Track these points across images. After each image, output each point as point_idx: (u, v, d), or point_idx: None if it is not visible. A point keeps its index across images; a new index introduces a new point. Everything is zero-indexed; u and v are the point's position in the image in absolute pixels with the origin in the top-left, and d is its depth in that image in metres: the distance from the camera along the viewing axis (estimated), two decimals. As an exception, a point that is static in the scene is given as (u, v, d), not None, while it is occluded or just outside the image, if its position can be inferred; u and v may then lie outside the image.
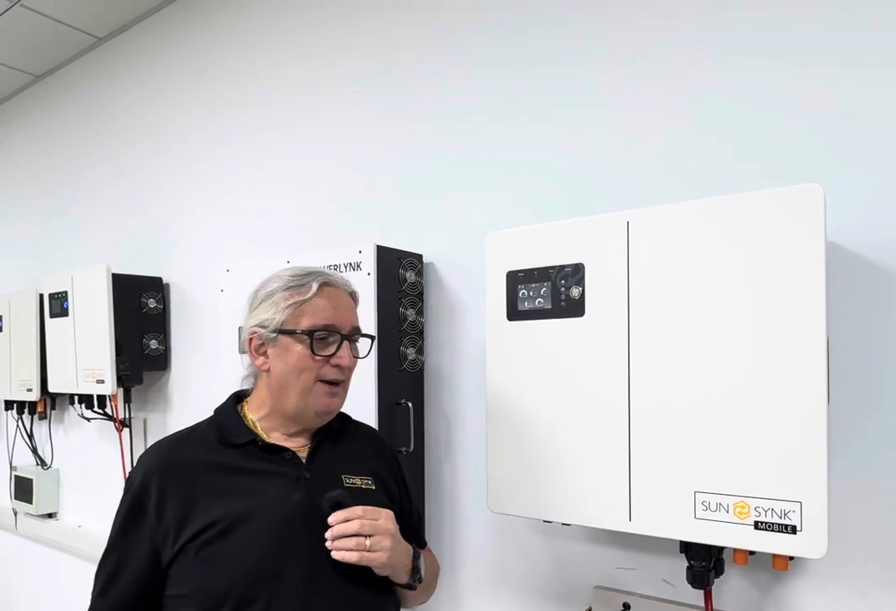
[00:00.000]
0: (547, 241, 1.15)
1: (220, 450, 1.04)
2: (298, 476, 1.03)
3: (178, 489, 0.99)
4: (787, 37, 1.16)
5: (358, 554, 0.94)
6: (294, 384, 1.03)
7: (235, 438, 1.05)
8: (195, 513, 0.97)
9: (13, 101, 3.19)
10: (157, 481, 1.00)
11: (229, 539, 0.96)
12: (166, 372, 2.33)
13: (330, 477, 1.05)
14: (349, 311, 1.08)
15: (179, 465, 1.02)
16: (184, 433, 1.10)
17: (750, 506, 0.95)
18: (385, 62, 1.73)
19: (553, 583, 1.43)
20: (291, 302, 1.02)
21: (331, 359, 1.03)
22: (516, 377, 1.18)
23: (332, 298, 1.05)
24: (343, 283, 1.09)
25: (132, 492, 1.02)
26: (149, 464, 1.04)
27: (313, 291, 1.03)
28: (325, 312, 1.03)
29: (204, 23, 2.24)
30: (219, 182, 2.18)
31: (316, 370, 1.03)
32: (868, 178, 1.09)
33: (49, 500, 2.75)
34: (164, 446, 1.07)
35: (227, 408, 1.11)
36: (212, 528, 0.96)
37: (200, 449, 1.05)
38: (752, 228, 0.95)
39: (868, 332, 1.08)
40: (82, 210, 2.75)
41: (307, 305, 1.02)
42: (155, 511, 0.98)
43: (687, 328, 1.00)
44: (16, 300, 2.58)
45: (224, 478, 1.01)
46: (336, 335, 1.03)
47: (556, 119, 1.43)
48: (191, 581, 0.96)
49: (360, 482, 1.08)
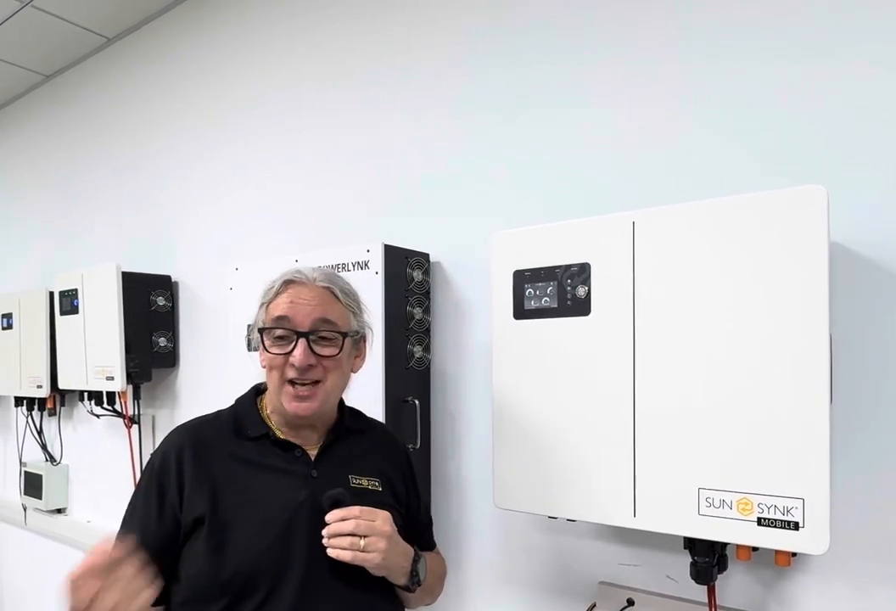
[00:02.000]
0: (553, 240, 1.16)
1: (236, 440, 1.06)
2: (306, 474, 1.04)
3: (195, 468, 1.02)
4: (792, 36, 1.16)
5: (352, 553, 0.94)
6: (270, 383, 1.05)
7: (251, 431, 1.07)
8: (203, 496, 1.00)
9: (23, 100, 3.21)
10: (177, 458, 1.03)
11: (235, 530, 0.98)
12: (175, 369, 2.35)
13: (337, 477, 1.06)
14: (310, 304, 1.02)
15: (201, 445, 1.05)
16: (209, 417, 1.12)
17: (753, 502, 0.96)
18: (392, 62, 1.74)
19: (557, 579, 1.44)
20: (263, 301, 1.06)
21: (288, 358, 1.01)
22: (522, 375, 1.19)
23: (291, 294, 1.03)
24: (312, 278, 1.05)
25: (154, 468, 1.05)
26: (171, 443, 1.07)
27: (275, 290, 1.05)
28: (279, 308, 1.02)
29: (211, 23, 2.26)
30: (227, 181, 2.20)
31: (280, 369, 1.02)
32: (871, 177, 1.09)
33: (58, 496, 2.78)
34: (188, 427, 1.10)
35: (247, 399, 1.13)
36: (218, 516, 0.98)
37: (221, 436, 1.07)
38: (755, 229, 0.97)
39: (870, 331, 1.09)
40: (92, 208, 2.77)
41: (271, 304, 1.04)
42: (175, 486, 1.01)
43: (691, 327, 1.01)
44: (26, 298, 2.60)
45: (237, 468, 1.03)
46: (293, 334, 1.01)
47: (562, 119, 1.44)
48: (196, 566, 0.98)
49: (366, 483, 1.08)
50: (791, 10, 1.16)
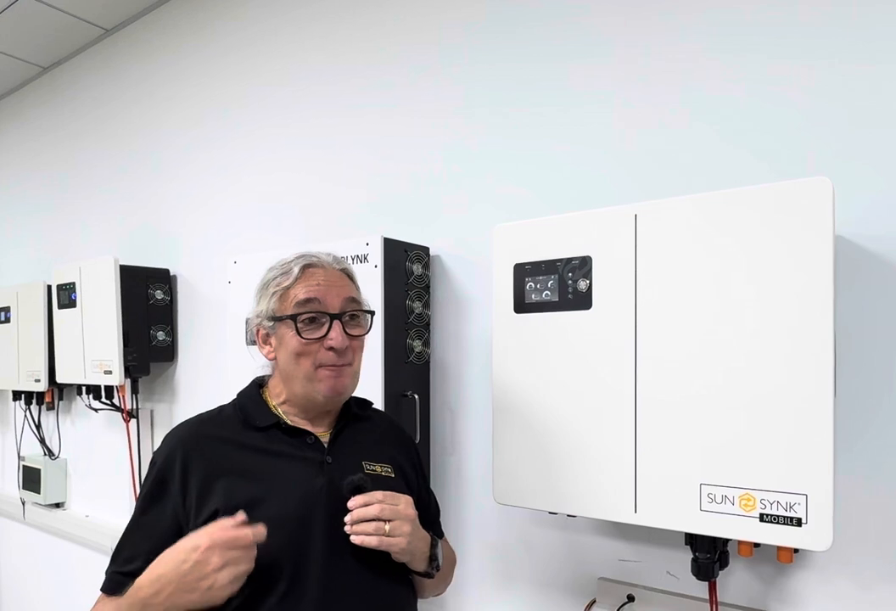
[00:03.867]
0: (554, 233, 1.15)
1: (244, 432, 1.04)
2: (321, 461, 1.03)
3: (203, 464, 1.00)
4: (793, 32, 1.15)
5: (377, 538, 0.93)
6: (296, 371, 1.02)
7: (259, 421, 1.05)
8: (217, 490, 0.98)
9: (21, 92, 3.20)
10: (182, 455, 1.00)
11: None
12: (173, 363, 2.34)
13: (351, 463, 1.05)
14: (336, 285, 1.04)
15: (205, 441, 1.03)
16: (212, 413, 1.10)
17: (755, 498, 0.95)
18: (393, 56, 1.73)
19: (557, 575, 1.44)
20: (277, 289, 1.03)
21: (323, 341, 1.01)
22: (523, 369, 1.18)
23: (314, 277, 1.03)
24: (329, 261, 1.06)
25: (156, 469, 1.02)
26: (174, 440, 1.04)
27: (295, 275, 1.03)
28: (306, 291, 1.01)
29: (212, 13, 2.24)
30: (226, 174, 2.18)
31: (313, 355, 1.01)
32: (875, 171, 1.08)
33: (57, 490, 2.78)
34: (190, 424, 1.08)
35: (250, 392, 1.11)
36: (234, 508, 0.95)
37: (226, 429, 1.05)
38: (759, 221, 0.95)
39: (875, 325, 1.08)
40: (90, 201, 2.76)
41: (291, 289, 1.02)
42: (179, 486, 0.99)
43: (693, 321, 1.00)
44: (24, 291, 2.59)
45: (248, 458, 1.01)
46: (325, 317, 1.01)
47: (563, 112, 1.43)
48: None
49: (380, 469, 1.08)
50: (794, 5, 1.15)
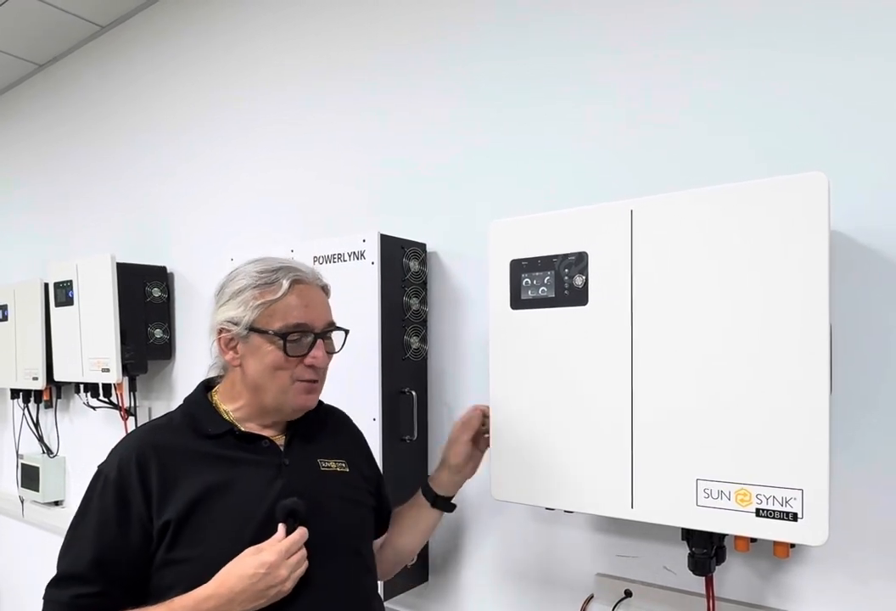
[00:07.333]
0: (550, 229, 1.15)
1: (197, 440, 1.02)
2: (279, 463, 1.03)
3: (159, 470, 0.97)
4: (791, 26, 1.15)
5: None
6: (270, 383, 1.02)
7: (212, 429, 1.03)
8: (175, 497, 0.96)
9: (16, 89, 3.18)
10: (137, 464, 0.98)
11: (213, 527, 0.96)
12: (171, 361, 2.34)
13: (307, 462, 1.07)
14: (321, 307, 1.06)
15: (159, 448, 1.00)
16: (161, 421, 1.09)
17: (751, 493, 0.95)
18: (388, 52, 1.72)
19: (555, 570, 1.44)
20: (262, 301, 1.00)
21: (304, 358, 1.02)
22: (519, 365, 1.18)
23: (303, 296, 1.02)
24: (313, 277, 1.06)
25: (111, 482, 0.98)
26: (125, 451, 1.01)
27: (284, 290, 1.00)
28: (296, 312, 1.01)
29: (208, 10, 2.23)
30: (223, 171, 2.18)
31: (291, 369, 1.02)
32: (871, 165, 1.08)
33: (55, 488, 2.78)
34: (141, 432, 1.07)
35: (197, 398, 1.10)
36: (192, 515, 0.95)
37: (179, 437, 1.03)
38: (755, 217, 0.95)
39: (871, 320, 1.08)
40: (86, 199, 2.75)
41: (278, 304, 1.00)
42: (141, 496, 0.96)
43: (689, 316, 1.00)
44: (21, 289, 2.58)
45: (203, 466, 1.00)
46: (309, 335, 1.02)
47: (560, 108, 1.42)
48: (173, 574, 0.95)
49: (334, 465, 1.10)
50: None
